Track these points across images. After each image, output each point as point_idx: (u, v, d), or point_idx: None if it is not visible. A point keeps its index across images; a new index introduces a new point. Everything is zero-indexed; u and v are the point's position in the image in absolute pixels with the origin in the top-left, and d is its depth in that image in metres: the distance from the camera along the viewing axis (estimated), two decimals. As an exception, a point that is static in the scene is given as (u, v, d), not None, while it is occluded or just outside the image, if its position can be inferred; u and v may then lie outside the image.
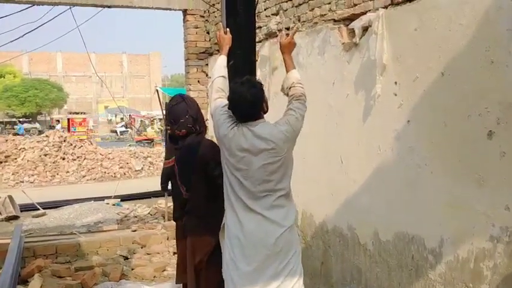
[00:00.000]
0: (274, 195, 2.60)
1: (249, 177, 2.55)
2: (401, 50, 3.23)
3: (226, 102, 2.67)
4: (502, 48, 2.50)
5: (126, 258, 6.04)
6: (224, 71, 2.85)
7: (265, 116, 2.69)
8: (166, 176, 3.28)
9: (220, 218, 3.05)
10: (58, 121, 40.69)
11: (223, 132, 2.61)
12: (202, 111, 3.24)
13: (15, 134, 26.24)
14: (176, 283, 3.31)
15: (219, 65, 2.87)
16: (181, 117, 3.04)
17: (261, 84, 2.69)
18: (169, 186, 3.31)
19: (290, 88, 2.76)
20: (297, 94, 2.70)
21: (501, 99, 2.50)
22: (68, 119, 35.66)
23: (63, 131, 23.25)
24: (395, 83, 3.28)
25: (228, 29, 2.94)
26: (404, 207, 3.23)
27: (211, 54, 6.56)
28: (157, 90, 12.47)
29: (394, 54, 3.29)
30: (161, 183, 3.36)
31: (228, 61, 2.91)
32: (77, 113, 40.36)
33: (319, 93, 4.20)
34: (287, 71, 2.84)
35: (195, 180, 3.00)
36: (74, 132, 30.24)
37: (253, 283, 2.55)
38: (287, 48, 2.86)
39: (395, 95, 3.28)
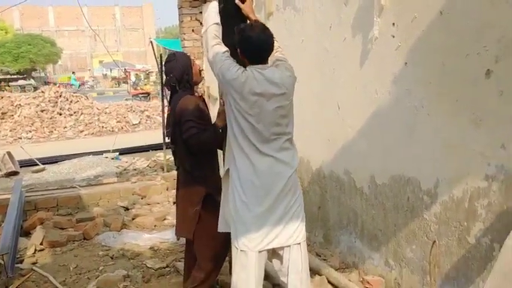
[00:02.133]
0: (282, 138, 2.66)
1: (261, 121, 2.57)
2: (399, -11, 3.13)
3: (226, 48, 2.67)
4: (502, -17, 2.42)
5: (126, 209, 6.12)
6: (218, 18, 2.78)
7: None
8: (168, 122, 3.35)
9: (204, 170, 3.11)
10: None
11: (231, 76, 2.58)
12: (198, 62, 3.24)
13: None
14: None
15: (212, 11, 2.80)
16: (167, 75, 3.22)
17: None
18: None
19: None
20: (275, 46, 2.79)
21: (500, 37, 2.44)
22: None
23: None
24: (393, 24, 3.20)
25: None
26: (401, 150, 3.23)
27: (204, 2, 6.37)
28: (151, 42, 12.24)
29: (392, -6, 3.19)
30: (166, 129, 3.42)
31: (219, 4, 2.83)
32: None
33: (315, 38, 4.13)
34: None
35: (176, 135, 3.12)
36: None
37: (265, 223, 2.61)
38: (248, 9, 2.88)
39: (393, 36, 3.21)
